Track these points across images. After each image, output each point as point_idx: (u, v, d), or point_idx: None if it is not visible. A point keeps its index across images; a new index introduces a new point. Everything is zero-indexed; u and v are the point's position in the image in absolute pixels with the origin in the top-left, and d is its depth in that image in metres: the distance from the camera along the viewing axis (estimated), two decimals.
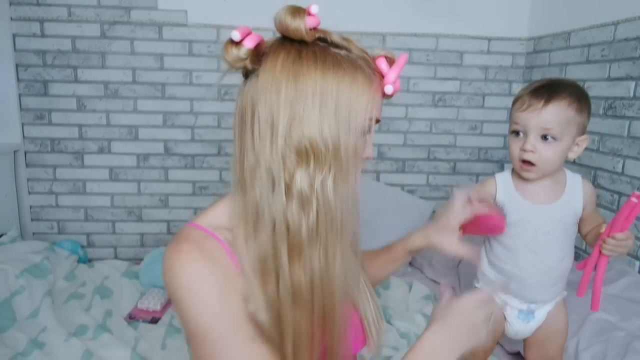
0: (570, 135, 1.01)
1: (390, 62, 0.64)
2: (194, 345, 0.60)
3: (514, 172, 1.12)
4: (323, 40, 0.61)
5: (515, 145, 1.04)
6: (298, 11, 0.58)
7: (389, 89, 0.62)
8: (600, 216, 1.09)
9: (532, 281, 1.10)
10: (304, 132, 0.56)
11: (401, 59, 0.63)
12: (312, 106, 0.56)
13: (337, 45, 0.61)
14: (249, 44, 0.58)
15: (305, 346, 0.61)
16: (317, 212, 0.58)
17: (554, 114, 0.98)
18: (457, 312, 0.67)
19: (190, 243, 0.60)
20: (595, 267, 0.99)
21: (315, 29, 0.59)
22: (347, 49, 0.61)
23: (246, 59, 0.59)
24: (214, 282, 0.58)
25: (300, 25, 0.57)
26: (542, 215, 1.06)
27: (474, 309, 0.67)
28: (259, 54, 0.60)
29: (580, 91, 1.03)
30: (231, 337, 0.58)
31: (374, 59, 0.63)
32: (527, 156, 1.01)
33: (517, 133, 1.04)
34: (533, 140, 1.00)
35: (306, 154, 0.57)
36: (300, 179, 0.57)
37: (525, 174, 1.05)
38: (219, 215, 0.66)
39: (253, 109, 0.59)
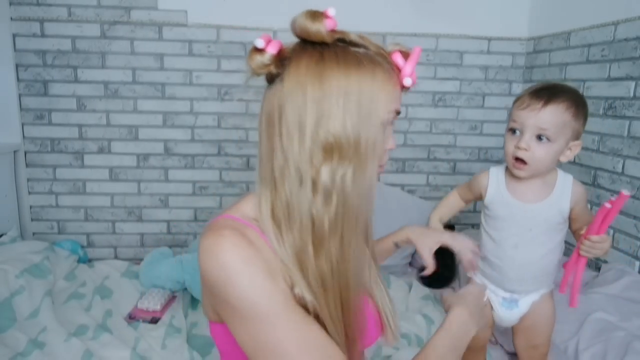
0: (565, 139, 1.05)
1: (405, 55, 0.67)
2: (240, 328, 0.60)
3: (507, 168, 1.17)
4: (342, 40, 0.63)
5: (511, 143, 1.09)
6: (317, 15, 0.60)
7: (407, 82, 0.65)
8: (591, 215, 1.10)
9: (510, 274, 1.17)
10: (330, 129, 0.59)
11: (415, 51, 0.66)
12: (336, 104, 0.59)
13: (355, 44, 0.63)
14: (272, 50, 0.61)
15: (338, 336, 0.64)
16: (337, 204, 0.61)
17: (551, 116, 1.03)
18: (469, 297, 0.83)
19: (231, 229, 0.61)
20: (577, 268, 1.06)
21: (334, 30, 0.61)
22: (364, 47, 0.63)
23: (270, 64, 0.61)
24: (260, 263, 0.59)
25: (321, 29, 0.60)
26: (527, 213, 1.12)
27: (478, 294, 0.85)
28: (281, 58, 0.62)
29: (579, 98, 1.07)
30: (286, 315, 0.59)
31: (389, 54, 0.66)
32: (521, 154, 1.06)
33: (513, 131, 1.09)
34: (528, 139, 1.05)
35: (331, 150, 0.59)
36: (325, 174, 0.60)
37: (517, 172, 1.10)
38: (249, 209, 0.68)
39: (280, 111, 0.61)
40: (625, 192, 0.94)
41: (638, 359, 1.21)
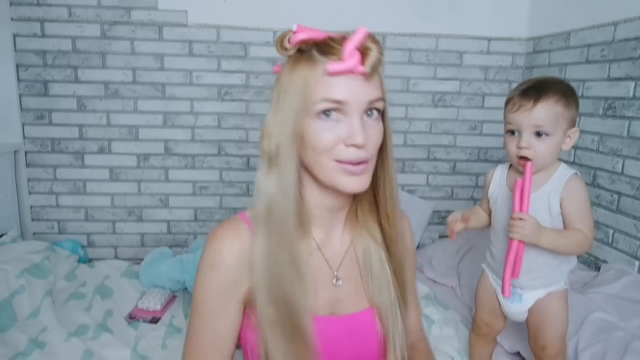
0: (562, 129, 1.09)
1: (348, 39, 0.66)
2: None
3: (511, 166, 1.21)
4: (302, 49, 0.67)
5: (512, 144, 1.13)
6: (280, 40, 0.68)
7: (333, 67, 0.63)
8: (583, 220, 1.10)
9: (498, 260, 1.22)
10: (265, 123, 0.70)
11: (358, 33, 0.64)
12: (272, 102, 0.69)
13: (311, 49, 0.67)
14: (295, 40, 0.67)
15: None
16: (261, 200, 0.69)
17: (544, 112, 1.06)
18: None
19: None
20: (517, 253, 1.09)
21: (300, 41, 0.66)
22: (317, 49, 0.66)
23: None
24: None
25: (281, 51, 0.69)
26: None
27: None
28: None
29: (567, 87, 1.10)
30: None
31: (341, 41, 0.66)
32: (524, 153, 1.09)
33: (512, 132, 1.13)
34: (527, 138, 1.09)
35: (262, 147, 0.70)
36: (258, 174, 0.70)
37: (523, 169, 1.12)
38: None
39: None
40: (530, 163, 1.05)
41: (638, 359, 1.21)
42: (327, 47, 0.65)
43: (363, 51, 0.64)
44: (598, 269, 1.75)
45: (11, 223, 2.08)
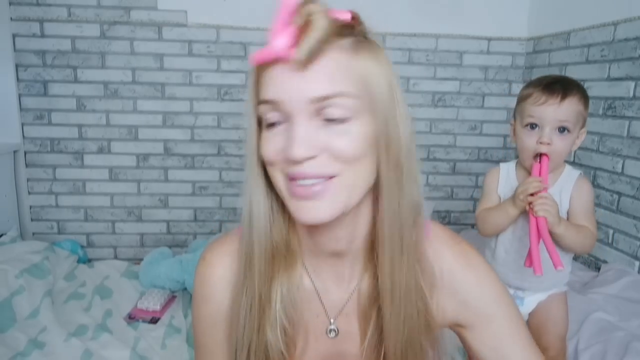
0: (578, 128, 1.09)
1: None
2: None
3: (518, 164, 1.18)
4: None
5: (531, 139, 1.09)
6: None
7: (254, 55, 0.49)
8: (587, 227, 1.10)
9: (512, 264, 1.18)
10: None
11: (285, 4, 0.47)
12: None
13: None
14: None
15: None
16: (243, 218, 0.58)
17: (571, 108, 1.06)
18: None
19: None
20: (539, 234, 1.03)
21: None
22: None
23: None
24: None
25: None
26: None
27: None
28: None
29: (583, 88, 1.11)
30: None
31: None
32: (544, 148, 1.07)
33: (532, 126, 1.09)
34: (550, 133, 1.07)
35: None
36: None
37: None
38: None
39: None
40: (546, 157, 1.05)
41: (638, 359, 1.21)
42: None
43: (301, 29, 0.47)
44: (598, 269, 1.75)
45: (10, 223, 2.08)
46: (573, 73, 1.96)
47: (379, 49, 0.53)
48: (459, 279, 0.58)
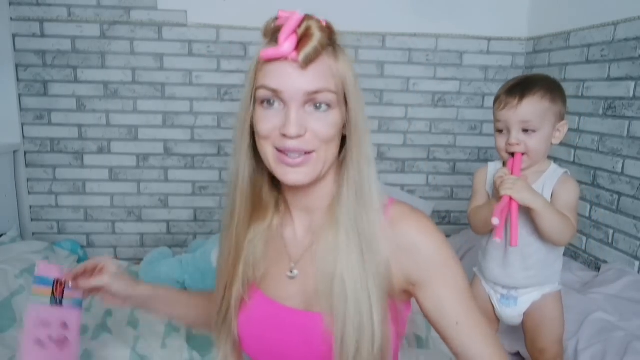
0: (550, 124, 1.11)
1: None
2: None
3: (504, 162, 1.20)
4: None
5: (502, 141, 1.15)
6: (263, 28, 0.70)
7: (264, 52, 0.63)
8: (569, 217, 1.10)
9: (501, 261, 1.19)
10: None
11: (292, 17, 0.62)
12: None
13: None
14: None
15: None
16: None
17: (530, 108, 1.09)
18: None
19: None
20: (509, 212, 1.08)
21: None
22: (266, 32, 0.68)
23: None
24: None
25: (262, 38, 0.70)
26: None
27: None
28: None
29: (552, 82, 1.12)
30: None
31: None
32: (514, 149, 1.12)
33: (500, 130, 1.15)
34: (516, 134, 1.11)
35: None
36: None
37: None
38: None
39: None
40: (519, 153, 1.10)
41: (638, 359, 1.21)
42: (274, 31, 0.64)
43: (302, 38, 0.61)
44: (598, 269, 1.75)
45: (10, 223, 2.08)
46: (573, 73, 1.96)
47: (346, 52, 0.67)
48: (412, 240, 0.67)
